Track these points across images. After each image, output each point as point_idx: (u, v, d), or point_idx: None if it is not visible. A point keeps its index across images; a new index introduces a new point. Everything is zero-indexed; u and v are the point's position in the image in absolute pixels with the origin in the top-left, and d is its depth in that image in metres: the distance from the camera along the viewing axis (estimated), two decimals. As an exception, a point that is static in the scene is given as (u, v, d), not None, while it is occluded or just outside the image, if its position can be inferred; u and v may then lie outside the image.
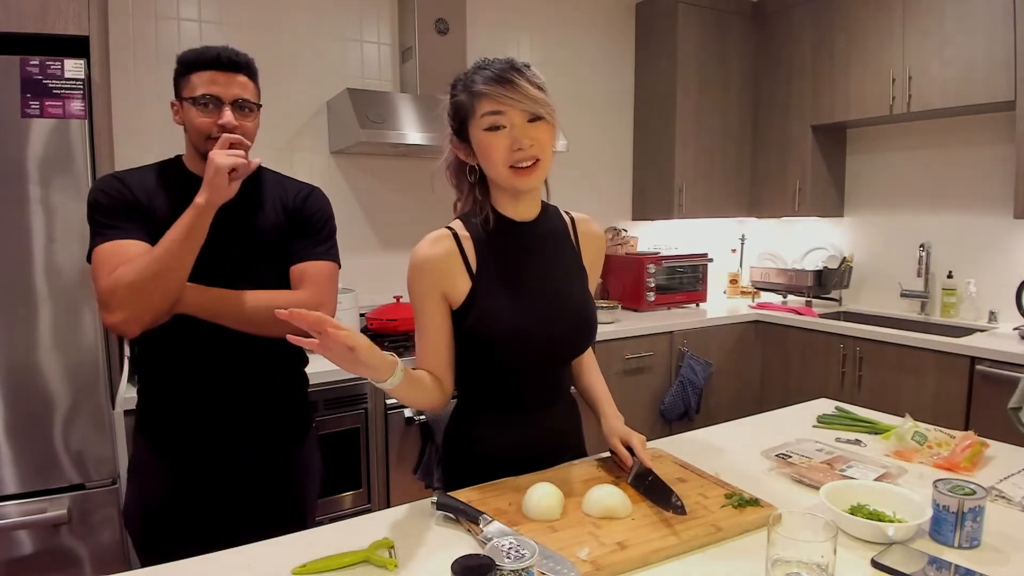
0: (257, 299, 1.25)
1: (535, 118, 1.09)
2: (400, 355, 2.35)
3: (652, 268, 3.30)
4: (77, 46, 1.84)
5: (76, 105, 1.76)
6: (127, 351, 2.02)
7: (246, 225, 1.30)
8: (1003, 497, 1.13)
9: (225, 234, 1.24)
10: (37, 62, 1.72)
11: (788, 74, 3.44)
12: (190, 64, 1.25)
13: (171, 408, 1.31)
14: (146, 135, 2.36)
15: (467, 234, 1.17)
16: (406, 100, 2.59)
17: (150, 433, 1.33)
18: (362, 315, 2.62)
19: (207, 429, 1.30)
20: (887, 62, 2.96)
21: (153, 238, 1.19)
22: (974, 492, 0.97)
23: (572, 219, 1.30)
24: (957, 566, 0.91)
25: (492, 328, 1.14)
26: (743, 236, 3.97)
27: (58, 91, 1.74)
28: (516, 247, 1.19)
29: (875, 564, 0.91)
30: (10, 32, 1.77)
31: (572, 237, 1.28)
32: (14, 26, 1.77)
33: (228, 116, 1.23)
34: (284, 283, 1.33)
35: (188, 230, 1.14)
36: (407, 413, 2.31)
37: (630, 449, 1.20)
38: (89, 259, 1.22)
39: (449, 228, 1.18)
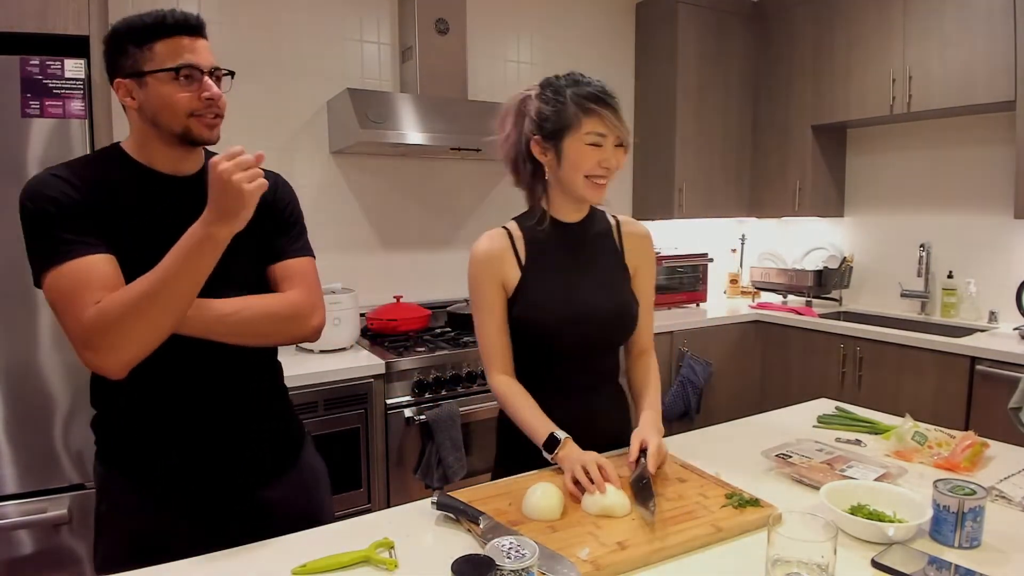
0: (256, 308, 1.11)
1: (621, 144, 1.25)
2: (400, 355, 2.36)
3: (652, 268, 3.30)
4: (77, 46, 1.85)
5: (76, 105, 1.76)
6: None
7: None
8: (1003, 497, 1.13)
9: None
10: (37, 62, 1.72)
11: (788, 74, 3.44)
12: (150, 30, 1.03)
13: (151, 441, 1.12)
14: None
15: (520, 233, 1.34)
16: (406, 100, 2.59)
17: (128, 471, 1.13)
18: (362, 315, 2.62)
19: (201, 454, 1.14)
20: (887, 62, 2.96)
21: (115, 248, 1.02)
22: (974, 492, 0.97)
23: (618, 221, 1.42)
24: (957, 566, 0.91)
25: (536, 315, 1.29)
26: (743, 236, 3.97)
27: (58, 91, 1.74)
28: (562, 245, 1.33)
29: (875, 564, 0.91)
30: (10, 32, 1.77)
31: (616, 238, 1.40)
32: (14, 26, 1.77)
33: (215, 88, 1.07)
34: (260, 282, 1.19)
35: (198, 263, 0.96)
36: (407, 413, 2.31)
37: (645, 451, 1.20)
38: (39, 283, 1.01)
39: (504, 227, 1.35)
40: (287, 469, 1.25)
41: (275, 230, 1.22)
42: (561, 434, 1.21)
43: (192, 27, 1.07)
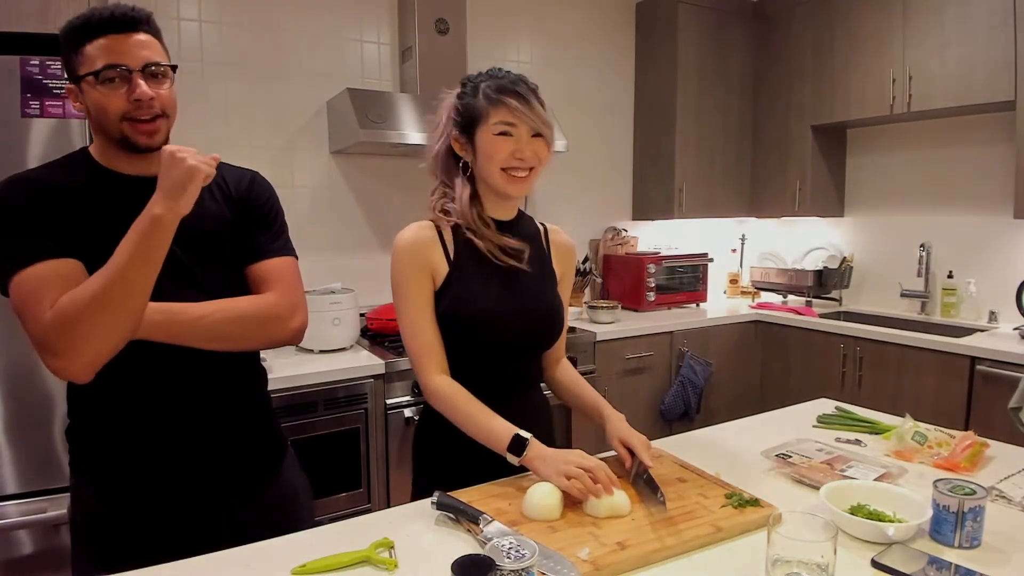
0: (229, 311, 1.07)
1: (538, 135, 1.21)
2: (400, 355, 2.36)
3: (652, 268, 3.31)
4: (77, 46, 1.85)
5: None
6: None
7: (187, 222, 1.04)
8: (1003, 497, 1.13)
9: None
10: (37, 62, 1.72)
11: (788, 74, 3.44)
12: (79, 32, 1.00)
13: (124, 453, 1.09)
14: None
15: (447, 226, 1.27)
16: (406, 100, 2.59)
17: (100, 485, 1.11)
18: (362, 315, 2.62)
19: (175, 469, 1.10)
20: (887, 62, 2.96)
21: (80, 250, 1.00)
22: (974, 492, 0.97)
23: (545, 228, 1.41)
24: (957, 566, 0.91)
25: (464, 310, 1.23)
26: (743, 236, 3.97)
27: (58, 91, 1.74)
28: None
29: (875, 564, 0.91)
30: (10, 32, 1.77)
31: (543, 242, 1.38)
32: (14, 26, 1.77)
33: (143, 88, 1.00)
34: (238, 284, 1.15)
35: (147, 249, 0.93)
36: (407, 413, 2.31)
37: (632, 452, 1.20)
38: (5, 291, 0.99)
39: (431, 220, 1.29)
40: (264, 487, 1.21)
41: (252, 229, 1.18)
42: (526, 434, 1.14)
43: (119, 23, 1.01)
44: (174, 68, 1.07)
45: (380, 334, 2.62)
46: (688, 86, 3.40)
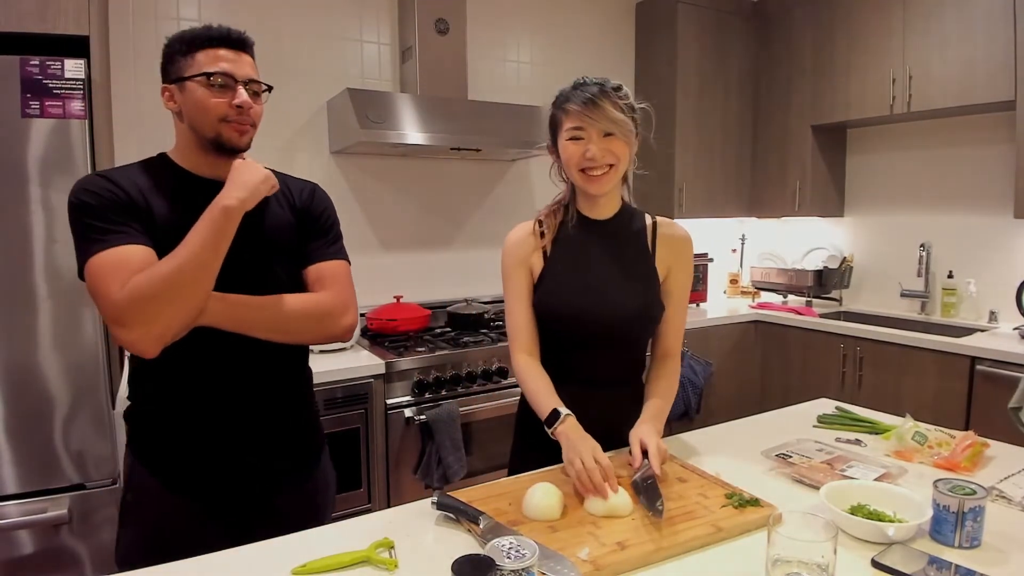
0: (288, 305, 1.17)
1: (609, 133, 1.28)
2: (400, 355, 2.36)
3: (652, 268, 3.30)
4: (77, 46, 1.85)
5: (76, 105, 1.77)
6: (127, 351, 2.01)
7: (256, 225, 1.20)
8: (1003, 497, 1.13)
9: (236, 235, 1.11)
10: (37, 62, 1.72)
11: (788, 74, 3.44)
12: (194, 41, 1.15)
13: (182, 434, 1.18)
14: (146, 135, 2.36)
15: (549, 224, 1.40)
16: (406, 100, 2.59)
17: (155, 464, 1.19)
18: (362, 315, 2.62)
19: (227, 456, 1.20)
20: (887, 62, 2.96)
21: (155, 243, 1.09)
22: (974, 492, 0.97)
23: (655, 222, 1.46)
24: (957, 566, 0.91)
25: (551, 302, 1.34)
26: (743, 236, 3.97)
27: (58, 91, 1.74)
28: (586, 241, 1.38)
29: (875, 564, 0.91)
30: (10, 32, 1.77)
31: (648, 239, 1.43)
32: (14, 26, 1.77)
33: (245, 95, 1.15)
34: (297, 284, 1.26)
35: (217, 234, 1.05)
36: (407, 413, 2.31)
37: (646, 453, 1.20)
38: (82, 273, 1.08)
39: (537, 219, 1.41)
40: (304, 480, 1.31)
41: (310, 235, 1.29)
42: (564, 410, 1.23)
43: (232, 41, 1.18)
44: (270, 89, 1.24)
45: (380, 334, 2.62)
46: (688, 86, 3.40)
